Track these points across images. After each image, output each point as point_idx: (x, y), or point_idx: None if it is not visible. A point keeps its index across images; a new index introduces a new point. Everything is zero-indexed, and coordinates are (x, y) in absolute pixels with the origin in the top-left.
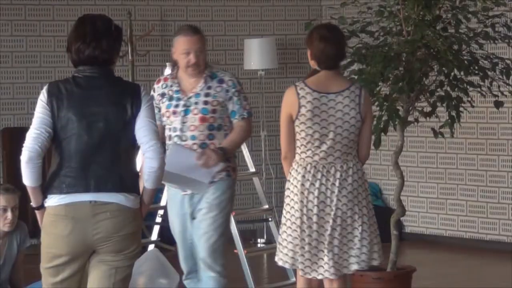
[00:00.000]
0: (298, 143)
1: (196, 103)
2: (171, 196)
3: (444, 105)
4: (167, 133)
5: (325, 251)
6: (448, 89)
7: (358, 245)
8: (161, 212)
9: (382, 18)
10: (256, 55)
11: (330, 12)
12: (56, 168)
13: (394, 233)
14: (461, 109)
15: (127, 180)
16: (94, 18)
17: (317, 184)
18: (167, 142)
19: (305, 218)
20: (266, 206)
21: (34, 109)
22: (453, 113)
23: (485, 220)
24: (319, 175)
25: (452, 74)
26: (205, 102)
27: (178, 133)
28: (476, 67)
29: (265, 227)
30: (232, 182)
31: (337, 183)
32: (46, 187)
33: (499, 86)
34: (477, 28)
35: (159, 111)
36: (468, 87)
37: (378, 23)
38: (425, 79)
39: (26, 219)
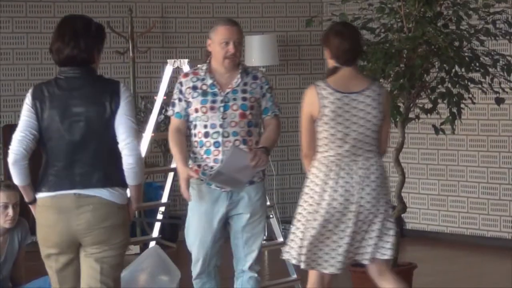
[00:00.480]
0: (319, 142)
1: (234, 99)
2: (204, 193)
3: (445, 101)
4: (200, 129)
5: (342, 247)
6: (449, 85)
7: (375, 240)
8: (162, 209)
9: (383, 14)
10: (257, 51)
11: (331, 8)
12: (43, 167)
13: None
14: (462, 105)
15: (111, 175)
16: (74, 19)
17: (341, 182)
18: (200, 138)
19: (326, 215)
20: (267, 203)
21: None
22: (454, 110)
23: (486, 216)
24: (342, 173)
25: (453, 70)
26: (244, 98)
27: (218, 129)
28: (477, 64)
29: (266, 224)
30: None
31: (360, 180)
32: (37, 185)
33: (500, 83)
34: (478, 25)
35: (187, 105)
36: (469, 83)
37: (379, 19)
38: (426, 75)
39: (27, 216)
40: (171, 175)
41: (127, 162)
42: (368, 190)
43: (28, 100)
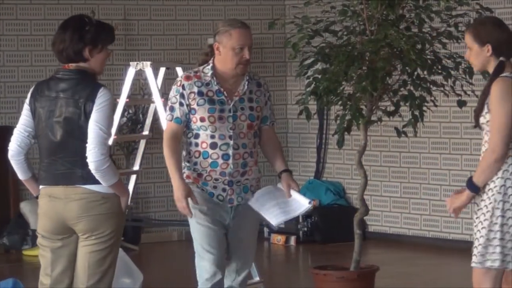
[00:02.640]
0: None
1: (242, 108)
2: (207, 201)
3: (407, 104)
4: (206, 139)
5: None
6: (412, 88)
7: None
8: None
9: (346, 17)
10: None
11: (294, 11)
12: (39, 162)
13: (357, 232)
14: (424, 108)
15: (91, 173)
16: (72, 16)
17: None
18: (205, 149)
19: None
20: None
21: None
22: (416, 113)
23: (448, 219)
24: None
25: (416, 73)
26: (251, 108)
27: (227, 141)
28: (439, 67)
29: None
30: None
31: None
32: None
33: (462, 86)
34: (440, 28)
35: (189, 111)
36: (431, 86)
37: (341, 22)
38: (388, 78)
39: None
40: (133, 177)
41: (90, 167)
42: None
43: (28, 97)
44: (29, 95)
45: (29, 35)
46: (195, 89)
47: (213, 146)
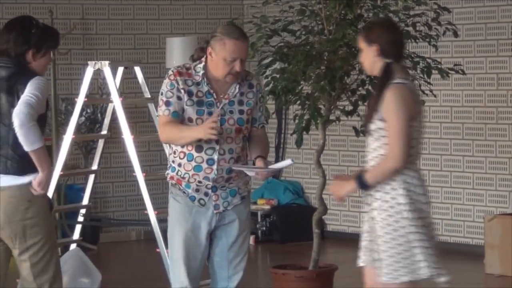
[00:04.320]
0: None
1: (231, 111)
2: (190, 207)
3: (366, 103)
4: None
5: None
6: (370, 88)
7: None
8: (83, 211)
9: (304, 17)
10: (178, 53)
11: (252, 11)
12: None
13: (315, 232)
14: None
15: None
16: (18, 18)
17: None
18: (190, 151)
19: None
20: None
21: None
22: None
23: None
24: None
25: None
26: (241, 111)
27: (214, 145)
28: None
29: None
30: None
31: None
32: None
33: (420, 85)
34: None
35: (179, 99)
36: None
37: (300, 22)
38: (346, 78)
39: None
40: (92, 177)
41: (15, 124)
42: None
43: None
44: None
45: None
46: (186, 87)
47: (198, 149)
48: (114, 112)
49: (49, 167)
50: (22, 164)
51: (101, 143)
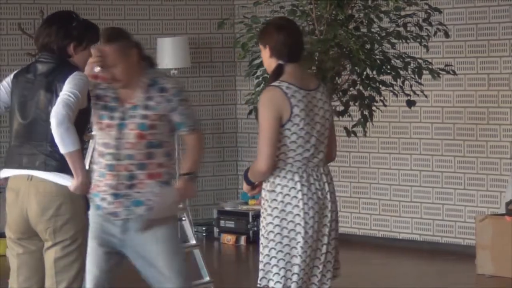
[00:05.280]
0: (283, 149)
1: (132, 116)
2: (102, 219)
3: (357, 104)
4: (98, 146)
5: (319, 260)
6: (361, 88)
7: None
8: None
9: (295, 17)
10: (169, 54)
11: (243, 11)
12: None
13: None
14: (373, 108)
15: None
16: (58, 12)
17: (313, 189)
18: (97, 157)
19: (307, 227)
20: (180, 205)
21: None
22: (366, 112)
23: (398, 218)
24: (311, 179)
25: (365, 73)
26: (144, 116)
27: (112, 150)
28: (389, 67)
29: (179, 227)
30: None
31: (328, 188)
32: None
33: (411, 86)
34: (389, 28)
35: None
36: (380, 86)
37: None
38: (337, 78)
39: None
40: None
41: (52, 124)
42: (333, 198)
43: (10, 76)
44: (11, 75)
45: None
46: (96, 91)
47: (101, 154)
48: None
49: (83, 173)
50: (61, 161)
51: (92, 143)
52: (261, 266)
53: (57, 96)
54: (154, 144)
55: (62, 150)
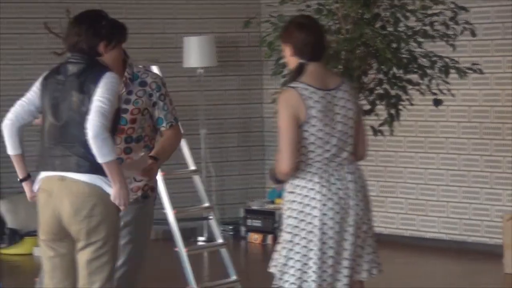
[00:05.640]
0: (303, 150)
1: None
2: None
3: (383, 103)
4: None
5: (342, 264)
6: (387, 87)
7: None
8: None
9: (321, 16)
10: (195, 53)
11: (269, 10)
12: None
13: None
14: (400, 107)
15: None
16: (86, 11)
17: (333, 189)
18: None
19: (324, 227)
20: (207, 204)
21: None
22: (392, 111)
23: (425, 217)
24: (332, 179)
25: (391, 72)
26: (124, 110)
27: None
28: (415, 65)
29: (206, 226)
30: (150, 204)
31: (352, 187)
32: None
33: (438, 84)
34: (416, 27)
35: None
36: (407, 85)
37: None
38: (364, 77)
39: None
40: None
41: (88, 136)
42: (360, 196)
43: (40, 79)
44: (41, 78)
45: (3, 33)
46: None
47: None
48: None
49: (121, 181)
50: (94, 162)
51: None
52: (278, 268)
53: (89, 96)
54: (133, 138)
55: (100, 159)
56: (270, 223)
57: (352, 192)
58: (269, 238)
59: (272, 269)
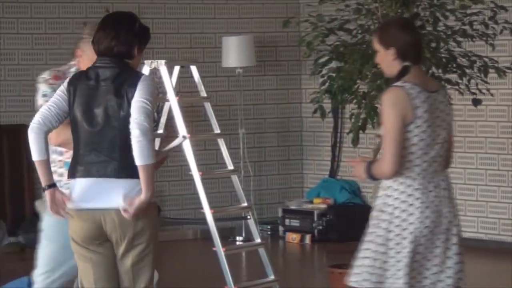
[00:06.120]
0: (404, 151)
1: None
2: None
3: None
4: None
5: (431, 270)
6: None
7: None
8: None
9: (360, 15)
10: (234, 52)
11: (308, 9)
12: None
13: None
14: None
15: (127, 166)
16: (118, 13)
17: (431, 197)
18: (68, 159)
19: (419, 235)
20: (245, 204)
21: (11, 107)
22: None
23: (464, 218)
24: (430, 186)
25: (430, 71)
26: None
27: None
28: (454, 65)
29: (244, 225)
30: None
31: (445, 194)
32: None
33: (477, 84)
34: (455, 26)
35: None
36: (446, 85)
37: (356, 20)
38: None
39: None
40: None
41: (133, 135)
42: (452, 204)
43: (64, 85)
44: (66, 83)
45: (43, 33)
46: None
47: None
48: (170, 111)
49: (153, 187)
50: (133, 167)
51: (157, 142)
52: (356, 270)
53: (127, 100)
54: None
55: (140, 161)
56: (309, 223)
57: (445, 200)
58: (307, 237)
59: (353, 284)
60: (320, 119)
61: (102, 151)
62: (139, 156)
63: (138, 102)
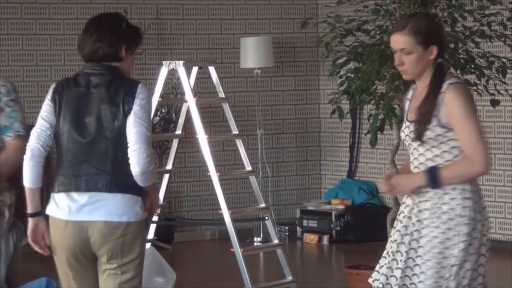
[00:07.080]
0: None
1: None
2: None
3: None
4: None
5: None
6: None
7: None
8: (158, 210)
9: (378, 16)
10: (252, 53)
11: (326, 10)
12: (55, 165)
13: (389, 232)
14: None
15: (120, 180)
16: (102, 15)
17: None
18: None
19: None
20: (263, 205)
21: (30, 108)
22: None
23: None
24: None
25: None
26: None
27: None
28: (472, 66)
29: (262, 226)
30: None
31: None
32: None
33: (495, 85)
34: (473, 27)
35: None
36: None
37: (374, 21)
38: None
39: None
40: (166, 176)
41: (133, 170)
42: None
43: (49, 94)
44: (50, 92)
45: (62, 34)
46: None
47: None
48: (188, 112)
49: (156, 189)
50: (126, 180)
51: (175, 142)
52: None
53: (123, 111)
54: None
55: (143, 184)
56: (327, 224)
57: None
58: (325, 238)
59: None
60: (338, 120)
61: (92, 163)
62: (141, 183)
63: (138, 125)
